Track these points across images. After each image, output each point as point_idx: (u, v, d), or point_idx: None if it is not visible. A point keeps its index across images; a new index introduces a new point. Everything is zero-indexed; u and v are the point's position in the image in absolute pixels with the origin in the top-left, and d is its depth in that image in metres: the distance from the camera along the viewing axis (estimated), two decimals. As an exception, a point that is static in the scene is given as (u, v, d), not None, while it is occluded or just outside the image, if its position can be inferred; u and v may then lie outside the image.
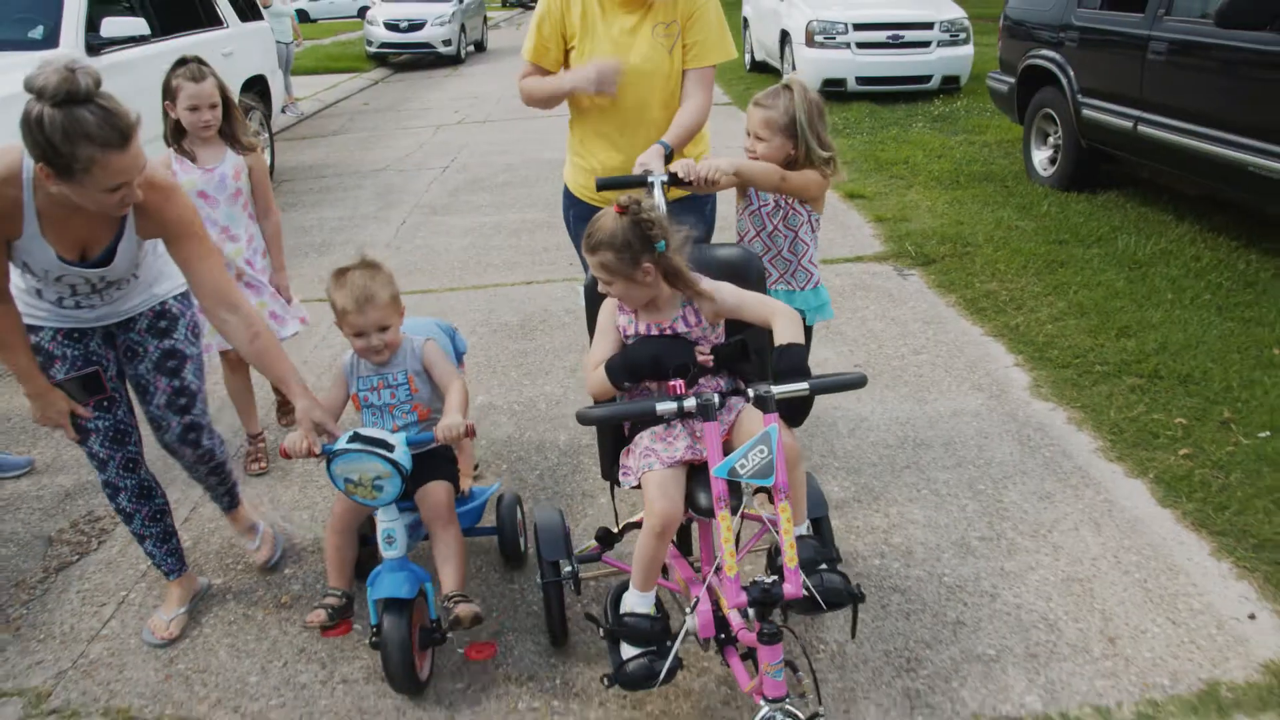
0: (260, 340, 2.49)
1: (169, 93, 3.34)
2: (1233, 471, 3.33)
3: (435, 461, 2.67)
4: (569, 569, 2.63)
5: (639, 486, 2.34)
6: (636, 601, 2.33)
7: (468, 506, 2.95)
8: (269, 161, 9.05)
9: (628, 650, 2.29)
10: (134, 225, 2.39)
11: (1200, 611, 2.71)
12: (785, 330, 2.23)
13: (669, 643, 2.24)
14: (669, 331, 2.36)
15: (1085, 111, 6.45)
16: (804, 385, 2.08)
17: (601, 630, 2.36)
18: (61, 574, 3.19)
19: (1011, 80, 7.50)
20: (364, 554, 2.78)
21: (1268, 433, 3.52)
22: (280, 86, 10.46)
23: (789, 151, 2.87)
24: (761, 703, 1.99)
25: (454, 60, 18.95)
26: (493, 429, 3.96)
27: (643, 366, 2.27)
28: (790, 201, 2.95)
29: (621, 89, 2.98)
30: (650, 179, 2.75)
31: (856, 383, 2.10)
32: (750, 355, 2.32)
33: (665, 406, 2.07)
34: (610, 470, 2.59)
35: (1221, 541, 2.99)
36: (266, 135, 9.05)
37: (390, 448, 2.39)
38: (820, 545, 2.36)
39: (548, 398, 4.22)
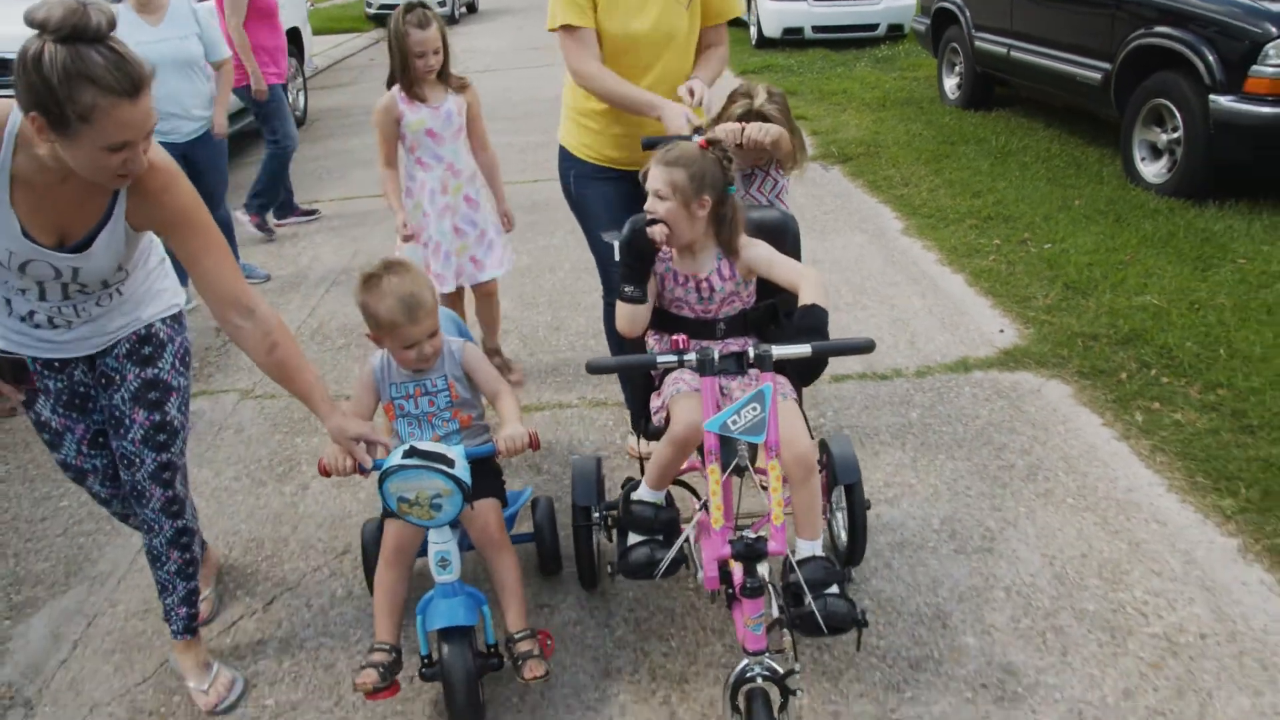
0: (279, 351, 2.19)
1: (398, 37, 3.49)
2: (1017, 265, 5.02)
3: (482, 475, 2.42)
4: (598, 515, 2.67)
5: (667, 422, 2.37)
6: (646, 494, 2.42)
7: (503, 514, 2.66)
8: (303, 105, 10.59)
9: (633, 539, 2.36)
10: (124, 210, 2.05)
11: (970, 329, 4.40)
12: (810, 293, 2.23)
13: (675, 536, 2.31)
14: (704, 284, 2.43)
15: (978, 43, 8.09)
16: (806, 348, 2.07)
17: (609, 519, 2.45)
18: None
19: (927, 21, 9.12)
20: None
21: (1050, 245, 5.21)
22: (308, 39, 11.94)
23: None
24: (744, 655, 2.01)
25: (448, 20, 20.37)
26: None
27: (621, 253, 2.42)
28: (768, 168, 3.00)
29: (643, 50, 2.95)
30: (695, 137, 2.57)
31: (862, 347, 2.07)
32: (780, 319, 2.38)
33: (665, 359, 2.12)
34: (638, 422, 2.69)
35: (995, 299, 4.68)
36: (301, 81, 10.57)
37: (451, 463, 2.17)
38: (831, 564, 2.30)
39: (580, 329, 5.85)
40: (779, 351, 2.08)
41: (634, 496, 2.44)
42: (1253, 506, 3.02)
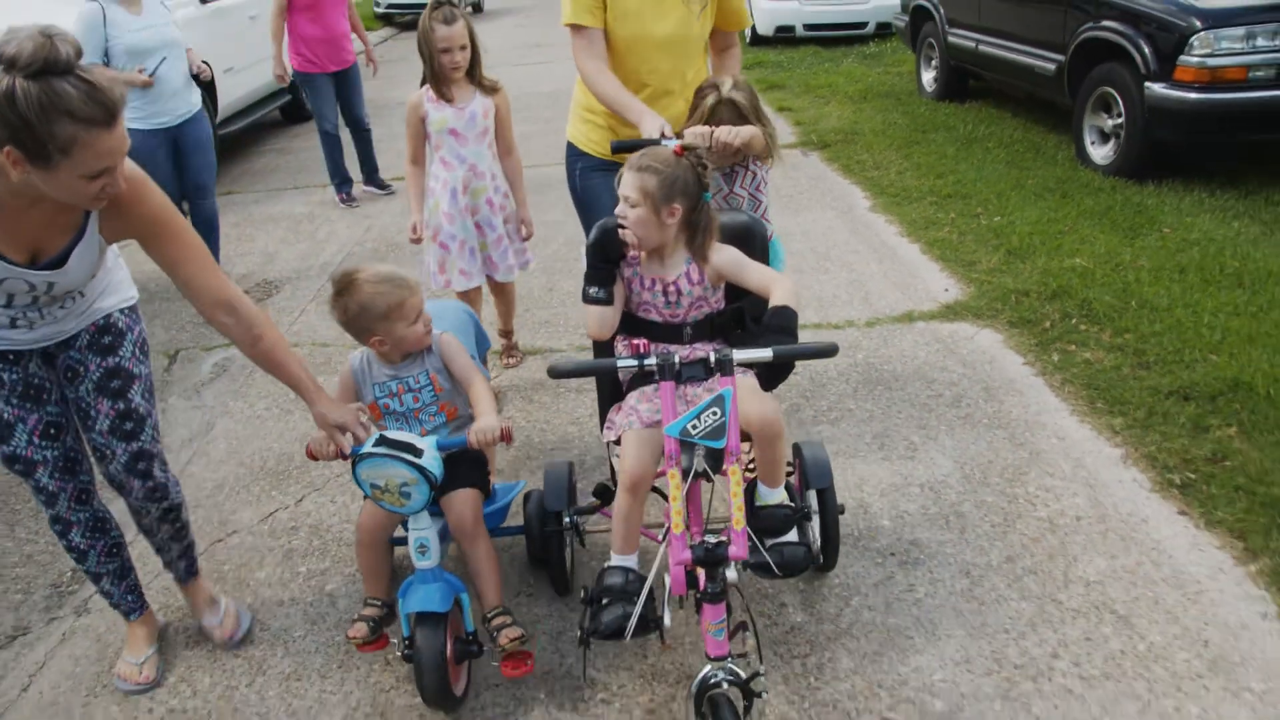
0: (263, 343, 2.26)
1: (423, 33, 3.52)
2: (968, 235, 5.54)
3: (463, 464, 2.47)
4: (568, 519, 2.69)
5: (619, 442, 2.37)
6: (616, 560, 2.38)
7: (493, 507, 2.73)
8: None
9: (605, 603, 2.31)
10: (97, 225, 2.08)
11: (919, 289, 4.91)
12: (781, 296, 2.25)
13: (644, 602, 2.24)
14: (671, 288, 2.41)
15: (950, 38, 8.61)
16: (767, 352, 2.05)
17: (582, 594, 2.33)
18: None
19: (906, 18, 9.65)
20: (401, 554, 2.75)
21: (999, 218, 5.73)
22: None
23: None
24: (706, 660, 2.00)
25: (454, 19, 20.85)
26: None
27: (588, 255, 2.44)
28: (749, 164, 3.00)
29: (654, 54, 3.00)
30: (665, 142, 2.62)
31: (825, 351, 2.07)
32: (746, 323, 2.38)
33: (626, 364, 2.12)
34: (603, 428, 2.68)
35: (945, 264, 5.20)
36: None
37: (418, 452, 2.22)
38: (791, 510, 2.42)
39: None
40: (740, 355, 2.07)
41: (605, 565, 2.39)
42: (1138, 424, 3.53)
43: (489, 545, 2.51)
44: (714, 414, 1.96)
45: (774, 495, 2.46)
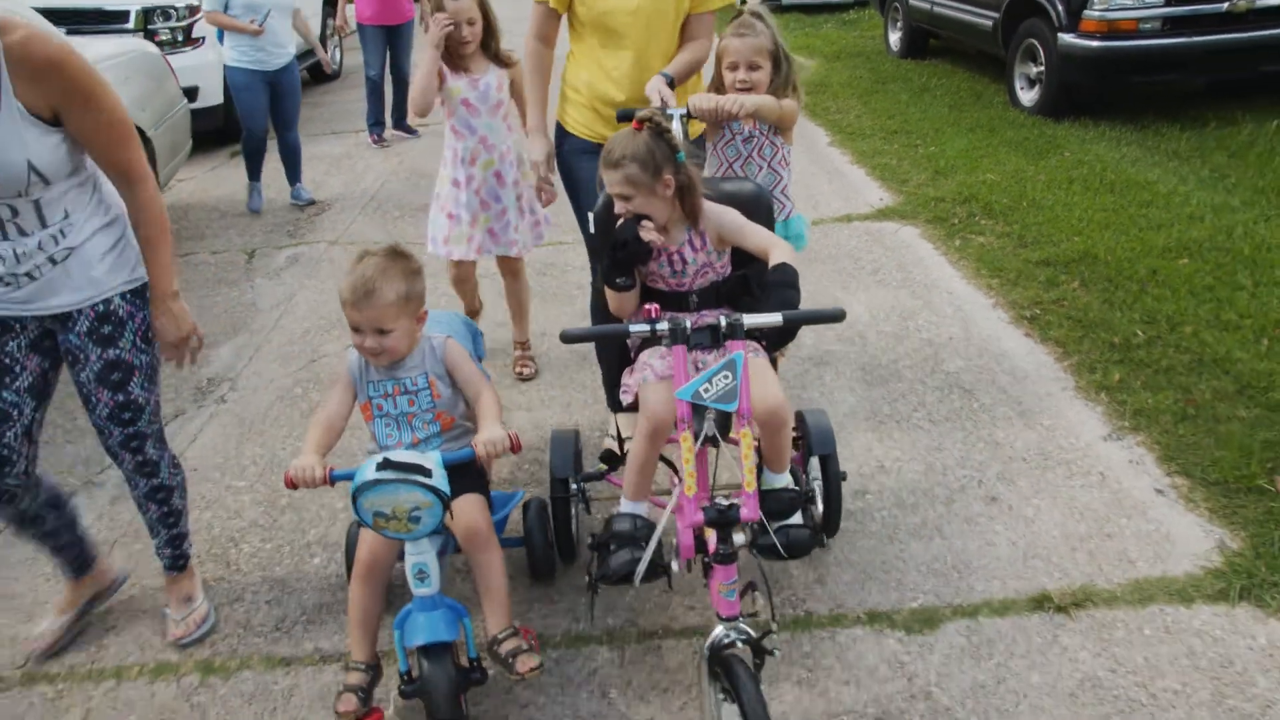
0: (140, 230, 2.29)
1: (434, 7, 3.47)
2: (905, 161, 6.64)
3: (461, 474, 2.27)
4: (576, 486, 2.70)
5: (633, 407, 2.38)
6: (625, 507, 2.40)
7: (493, 518, 2.51)
8: (339, 59, 12.15)
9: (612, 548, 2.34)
10: (11, 89, 1.99)
11: (859, 199, 6.01)
12: (780, 256, 2.27)
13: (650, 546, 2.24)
14: (676, 256, 2.41)
15: (911, 1, 9.67)
16: (777, 317, 2.05)
17: (590, 540, 2.39)
18: None
19: (876, -16, 10.71)
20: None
21: (934, 148, 6.82)
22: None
23: (772, 78, 2.89)
24: (718, 621, 1.99)
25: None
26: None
27: (607, 249, 2.36)
28: (767, 133, 2.98)
29: (633, 28, 3.04)
30: (669, 111, 2.71)
31: (833, 316, 2.08)
32: (752, 288, 2.36)
33: (638, 328, 2.09)
34: (613, 398, 2.64)
35: (883, 182, 6.30)
36: (338, 38, 12.13)
37: (428, 472, 2.05)
38: (796, 494, 2.44)
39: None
40: (750, 320, 2.06)
41: (613, 511, 2.42)
42: (1008, 283, 4.65)
43: (500, 556, 2.36)
44: (726, 378, 1.96)
45: (779, 480, 2.48)
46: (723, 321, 2.06)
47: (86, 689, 2.58)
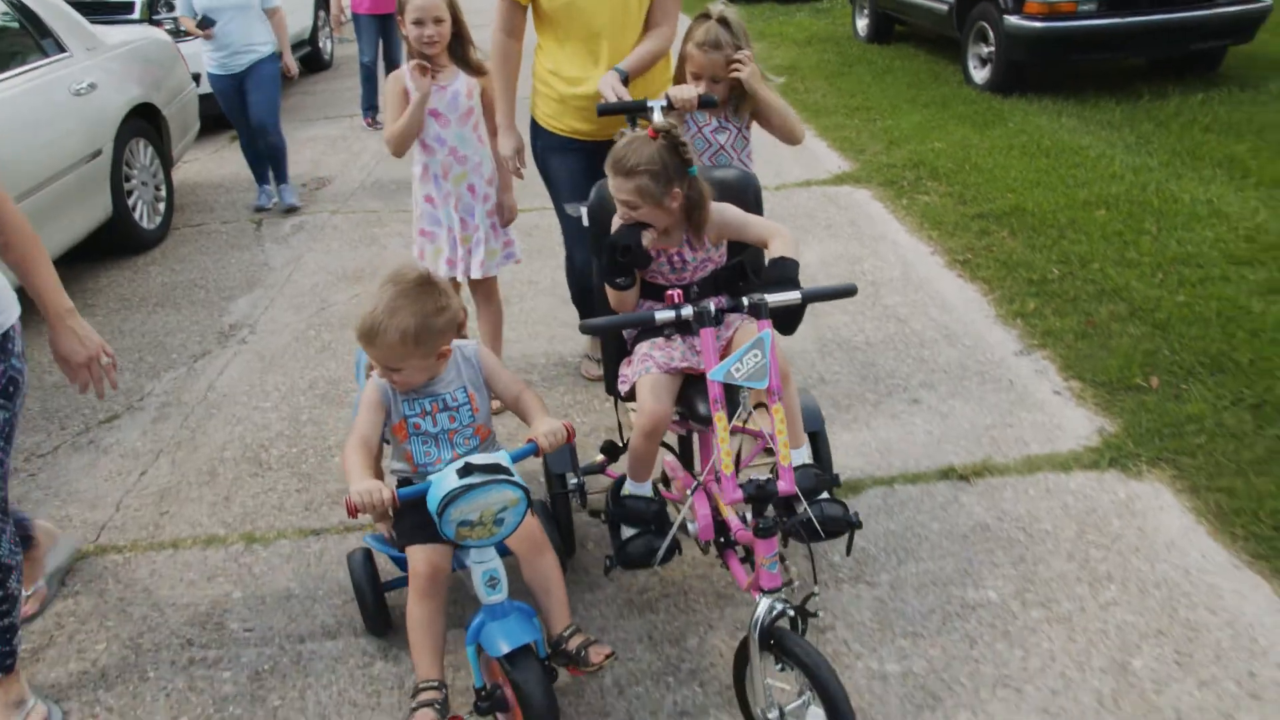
0: (11, 252, 2.11)
1: (400, 8, 3.29)
2: (863, 134, 7.18)
3: None
4: (575, 481, 2.68)
5: (633, 394, 2.39)
6: (633, 489, 2.45)
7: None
8: (330, 50, 12.61)
9: (627, 532, 2.41)
10: None
11: (818, 166, 6.54)
12: (780, 247, 2.26)
13: (666, 526, 2.34)
14: (676, 257, 2.42)
15: (876, -12, 10.23)
16: (796, 294, 2.10)
17: (603, 517, 2.44)
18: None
19: (843, -26, 11.25)
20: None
21: (890, 121, 7.37)
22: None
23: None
24: (759, 596, 2.01)
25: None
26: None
27: (607, 253, 2.33)
28: (741, 128, 3.04)
29: (599, 14, 3.04)
30: (650, 104, 2.71)
31: (846, 291, 2.14)
32: (749, 275, 2.37)
33: (664, 315, 2.11)
34: (613, 385, 2.63)
35: (842, 152, 6.84)
36: (329, 30, 12.59)
37: (509, 470, 2.01)
38: (820, 472, 2.43)
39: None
40: (774, 299, 2.10)
41: (623, 492, 2.47)
42: (946, 234, 5.18)
43: (555, 555, 2.32)
44: (755, 356, 2.00)
45: (798, 456, 2.47)
46: (745, 301, 2.13)
47: (150, 556, 3.09)
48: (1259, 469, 3.07)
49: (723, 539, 2.38)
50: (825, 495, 2.40)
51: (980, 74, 8.10)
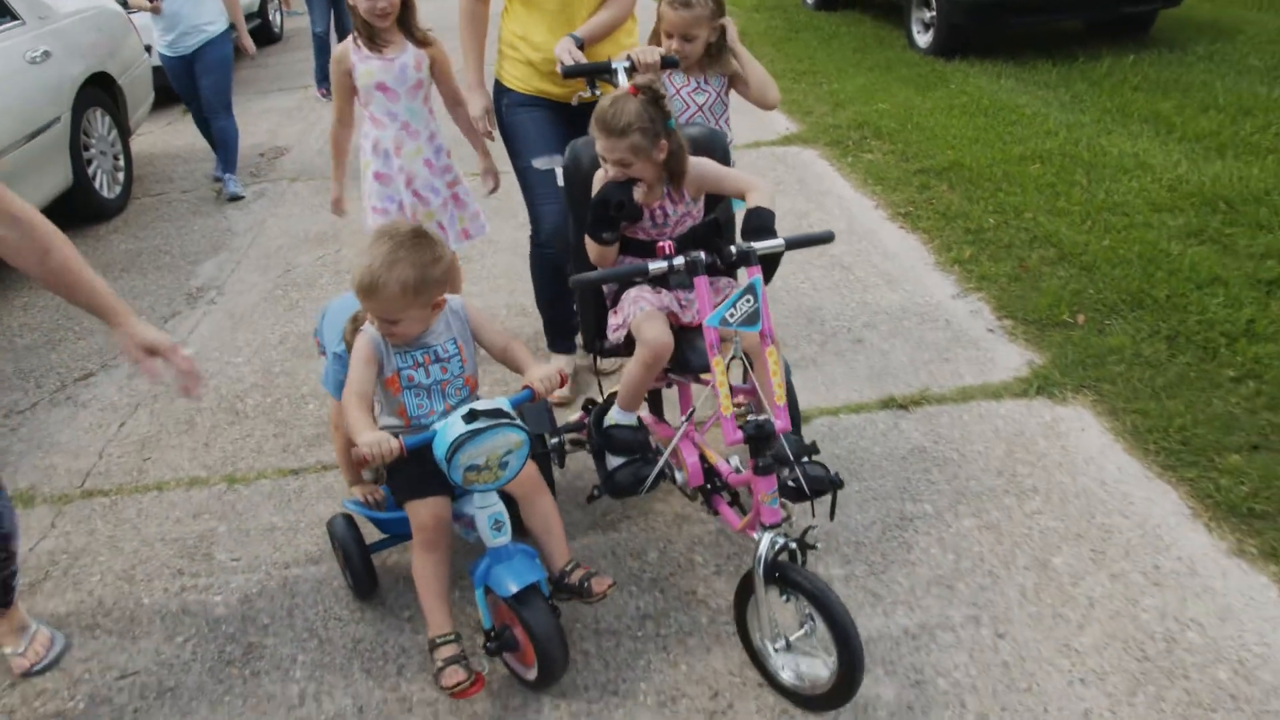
0: (52, 258, 2.00)
1: None
2: (810, 97, 7.39)
3: None
4: (555, 441, 2.69)
5: (625, 344, 2.43)
6: (620, 417, 2.47)
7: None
8: (279, 23, 12.54)
9: (613, 461, 2.44)
10: None
11: (767, 129, 6.74)
12: (757, 198, 2.33)
13: (651, 455, 2.39)
14: (658, 211, 2.45)
15: (822, -44, 10.42)
16: (780, 242, 2.18)
17: (588, 446, 2.45)
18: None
19: (790, -58, 11.42)
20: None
21: (836, 85, 7.59)
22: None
23: (711, 41, 2.98)
24: (758, 532, 2.09)
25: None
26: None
27: (594, 209, 2.35)
28: (720, 91, 3.11)
29: None
30: (614, 65, 2.75)
31: (825, 238, 2.27)
32: (722, 231, 2.39)
33: (656, 265, 2.16)
34: (592, 341, 2.66)
35: (790, 115, 7.04)
36: (277, 2, 12.54)
37: (510, 415, 2.07)
38: (800, 440, 2.45)
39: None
40: (760, 246, 2.18)
41: (608, 420, 2.50)
42: (888, 189, 5.42)
43: (552, 496, 2.42)
44: (748, 301, 2.05)
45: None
46: (733, 250, 2.20)
47: (136, 498, 3.24)
48: (1170, 392, 3.34)
49: (710, 485, 2.47)
50: (806, 458, 2.45)
51: (923, 39, 8.34)
